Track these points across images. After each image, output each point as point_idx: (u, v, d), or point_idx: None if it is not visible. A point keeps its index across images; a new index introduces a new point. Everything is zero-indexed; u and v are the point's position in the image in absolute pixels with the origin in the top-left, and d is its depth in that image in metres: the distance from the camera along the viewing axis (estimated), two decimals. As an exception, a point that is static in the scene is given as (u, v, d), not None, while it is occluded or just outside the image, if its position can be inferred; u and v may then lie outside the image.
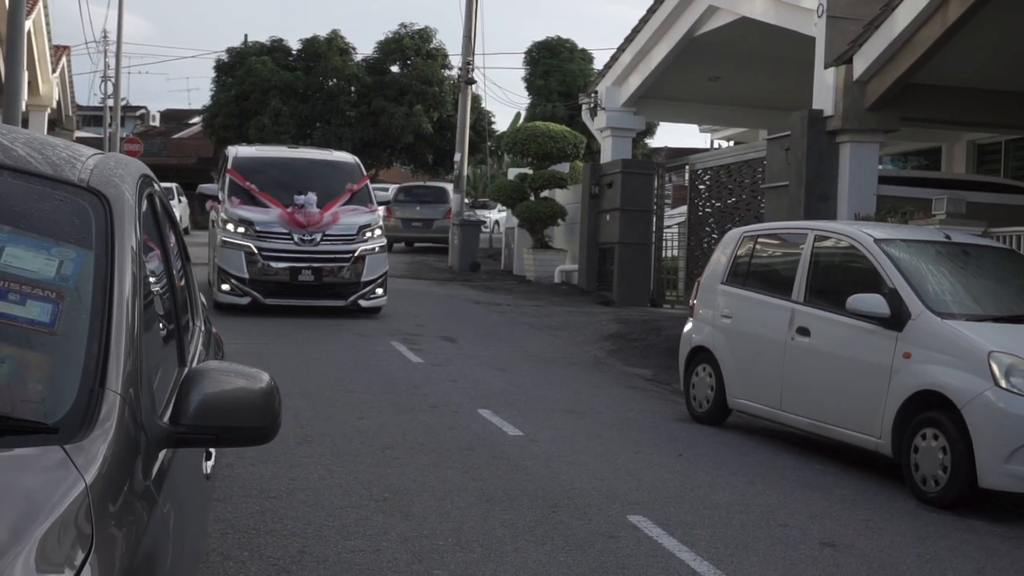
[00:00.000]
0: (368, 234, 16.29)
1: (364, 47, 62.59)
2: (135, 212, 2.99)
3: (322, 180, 16.80)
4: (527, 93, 42.34)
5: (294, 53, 41.91)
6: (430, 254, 31.39)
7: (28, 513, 1.98)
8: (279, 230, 15.84)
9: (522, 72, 43.12)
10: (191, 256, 4.77)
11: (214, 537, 5.99)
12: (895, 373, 8.21)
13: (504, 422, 9.67)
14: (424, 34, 41.79)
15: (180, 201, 35.12)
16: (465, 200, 28.60)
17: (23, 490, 2.07)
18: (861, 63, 13.41)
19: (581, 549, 6.25)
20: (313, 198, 16.07)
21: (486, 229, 31.91)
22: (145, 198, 3.32)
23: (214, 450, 3.63)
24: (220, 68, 42.31)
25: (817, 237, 9.59)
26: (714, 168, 19.01)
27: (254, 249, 15.71)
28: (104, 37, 52.08)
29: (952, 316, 8.19)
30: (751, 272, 10.29)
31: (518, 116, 41.71)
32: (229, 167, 16.96)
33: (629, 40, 19.79)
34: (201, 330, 4.39)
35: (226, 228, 16.03)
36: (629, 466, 8.38)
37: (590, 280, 21.58)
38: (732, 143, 26.42)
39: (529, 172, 24.62)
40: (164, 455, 2.68)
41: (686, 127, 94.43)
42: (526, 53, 42.60)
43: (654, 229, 20.49)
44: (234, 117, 40.87)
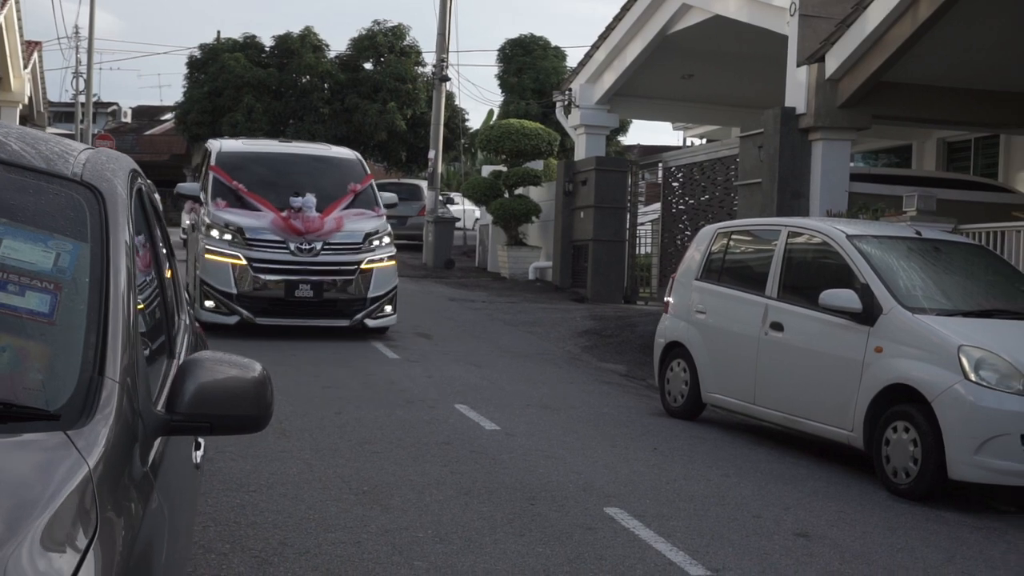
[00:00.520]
0: (376, 242, 14.17)
1: (337, 44, 62.64)
2: (128, 206, 3.05)
3: (320, 179, 14.72)
4: (500, 91, 42.41)
5: (267, 50, 41.81)
6: (404, 251, 31.27)
7: (35, 495, 2.05)
8: (273, 238, 13.72)
9: (495, 69, 43.18)
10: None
11: (196, 530, 6.04)
12: (867, 367, 8.34)
13: (481, 417, 9.75)
14: (398, 31, 41.77)
15: (152, 198, 35.07)
16: (440, 197, 28.64)
17: (29, 473, 2.13)
18: (833, 61, 13.55)
19: (559, 540, 6.33)
20: (312, 200, 13.91)
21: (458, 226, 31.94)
22: (135, 192, 3.38)
23: (203, 441, 3.69)
24: (193, 64, 42.16)
25: (790, 233, 9.70)
26: (687, 165, 19.14)
27: (243, 260, 13.57)
28: (76, 33, 51.87)
29: (923, 311, 8.32)
30: (725, 268, 10.40)
31: (491, 114, 41.74)
32: (212, 163, 14.68)
33: (603, 38, 19.89)
34: (186, 324, 4.44)
35: (210, 235, 13.81)
36: (605, 460, 8.47)
37: (564, 277, 21.67)
38: (704, 141, 26.57)
39: (503, 169, 24.70)
40: (159, 444, 2.74)
41: (659, 125, 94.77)
42: (499, 51, 42.61)
43: (628, 226, 20.60)
44: (207, 114, 40.74)
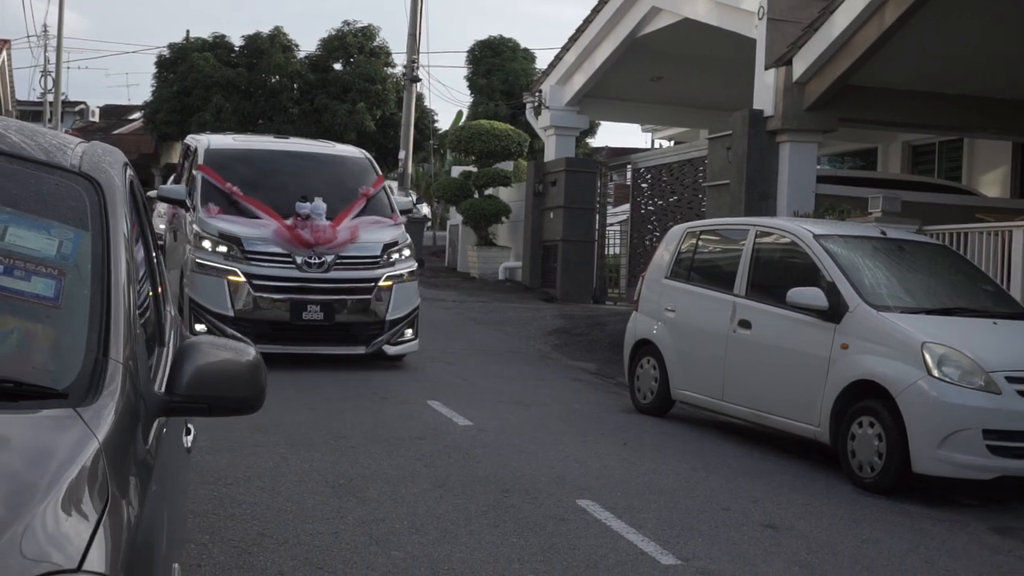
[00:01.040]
0: (395, 255, 12.27)
1: (307, 44, 62.60)
2: (125, 196, 3.17)
3: (325, 182, 12.88)
4: (469, 92, 42.52)
5: (236, 49, 41.69)
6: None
7: (50, 466, 2.16)
8: (276, 250, 11.78)
9: (465, 71, 43.25)
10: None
11: (176, 520, 6.13)
12: (833, 364, 8.51)
13: (454, 413, 9.86)
14: (367, 32, 41.75)
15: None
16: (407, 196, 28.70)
17: (44, 445, 2.24)
18: (800, 65, 13.75)
19: (533, 531, 6.46)
20: (322, 207, 11.97)
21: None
22: (128, 184, 3.49)
23: (193, 427, 3.80)
24: (161, 64, 42.01)
25: (758, 233, 9.88)
26: (656, 167, 19.32)
27: (241, 276, 11.62)
28: (45, 32, 51.53)
29: (887, 309, 8.50)
30: (694, 267, 10.57)
31: (460, 115, 41.86)
32: (200, 162, 12.79)
33: (573, 40, 20.05)
34: (171, 314, 4.54)
35: (201, 246, 11.85)
36: (576, 454, 8.61)
37: (534, 277, 21.82)
38: (672, 143, 26.79)
39: (473, 170, 24.82)
40: (157, 425, 2.85)
41: (627, 127, 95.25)
42: (468, 52, 42.72)
43: (597, 227, 20.77)
44: (175, 113, 40.60)
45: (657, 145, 31.97)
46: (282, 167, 13.12)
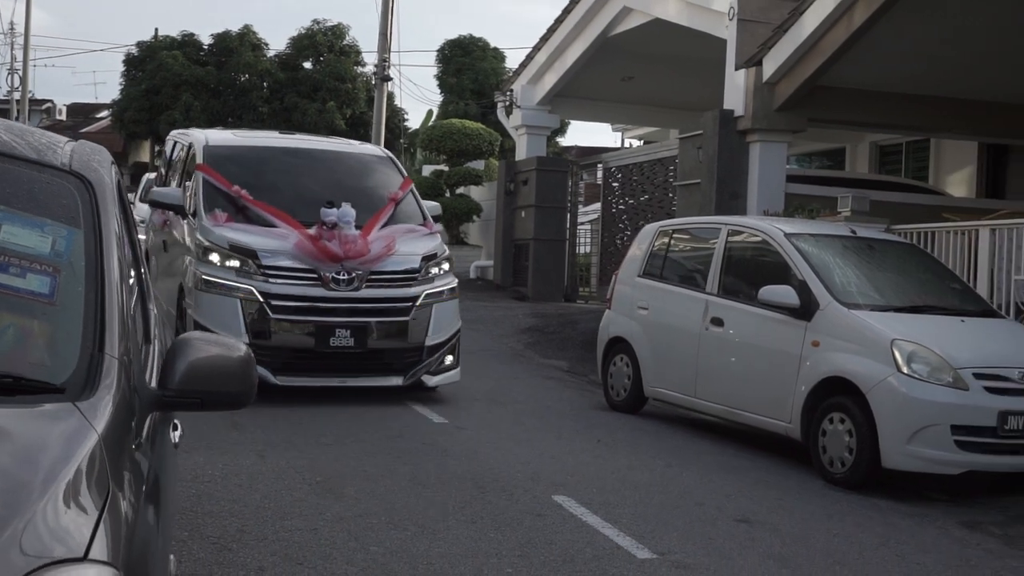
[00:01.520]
0: (434, 270, 10.54)
1: (277, 43, 62.32)
2: (115, 195, 3.21)
3: (345, 184, 11.19)
4: (440, 91, 42.55)
5: (205, 48, 41.58)
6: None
7: (53, 458, 2.21)
8: (298, 265, 10.00)
9: (435, 70, 43.27)
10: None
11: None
12: (804, 361, 8.62)
13: (429, 411, 9.92)
14: (337, 31, 41.72)
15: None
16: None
17: (45, 438, 2.29)
18: (770, 65, 13.86)
19: (510, 526, 6.53)
20: (351, 214, 10.24)
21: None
22: (116, 182, 3.53)
23: (179, 423, 3.84)
24: (129, 62, 41.84)
25: (730, 232, 9.98)
26: (627, 166, 19.42)
27: (257, 295, 9.84)
28: (12, 29, 51.19)
29: (858, 306, 8.62)
30: (667, 265, 10.66)
31: (430, 114, 41.89)
32: (199, 162, 11.02)
33: (544, 39, 20.11)
34: (154, 312, 4.58)
35: (207, 260, 10.10)
36: (551, 451, 8.68)
37: (505, 276, 21.87)
38: (642, 142, 26.92)
39: (445, 169, 24.85)
40: (150, 420, 2.90)
41: (596, 126, 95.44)
42: (438, 51, 42.77)
43: (568, 226, 20.84)
44: (144, 112, 40.45)
45: (627, 144, 32.13)
46: (294, 167, 11.29)
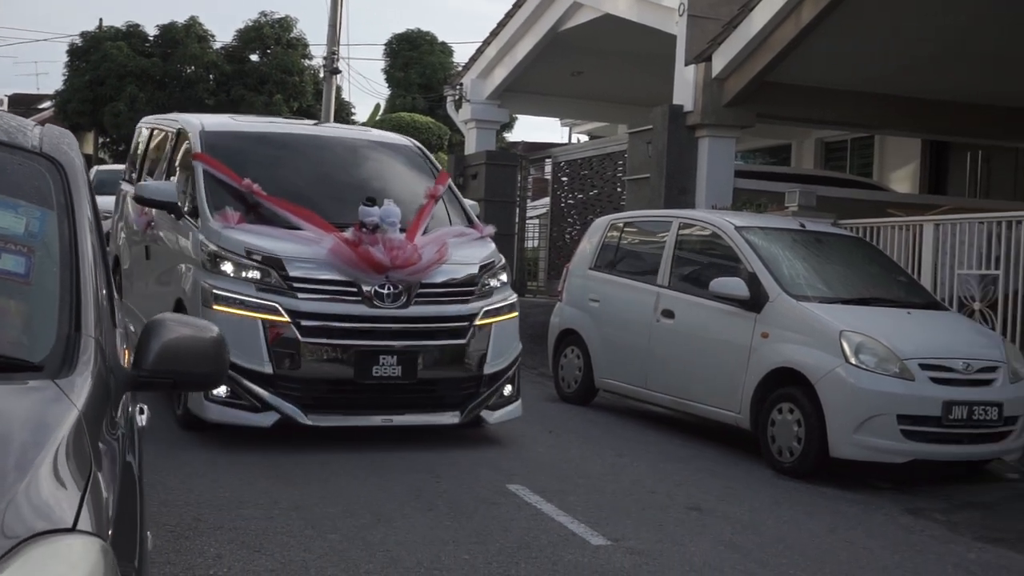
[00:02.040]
0: (491, 281, 8.79)
1: (223, 35, 61.91)
2: (85, 177, 3.23)
3: (371, 178, 9.48)
4: (387, 85, 42.50)
5: (151, 39, 41.22)
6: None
7: (39, 433, 2.24)
8: (334, 276, 8.15)
9: (383, 63, 43.20)
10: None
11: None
12: (754, 352, 8.75)
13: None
14: (284, 23, 41.52)
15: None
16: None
17: (28, 415, 2.32)
18: (720, 61, 14.00)
19: (465, 514, 6.58)
20: (395, 212, 8.39)
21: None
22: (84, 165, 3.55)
23: (145, 406, 3.86)
24: (73, 52, 41.38)
25: (681, 225, 10.09)
26: (576, 161, 19.51)
27: (284, 315, 7.98)
28: (-52, 17, 50.51)
29: (806, 298, 8.76)
30: (618, 258, 10.76)
31: (378, 107, 41.83)
32: (198, 151, 9.08)
33: (495, 34, 20.16)
34: (116, 298, 4.59)
35: (219, 270, 8.21)
36: (504, 441, 8.74)
37: (454, 269, 21.86)
38: (588, 138, 27.04)
39: (393, 162, 24.82)
40: (124, 400, 2.93)
41: (544, 121, 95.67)
42: (386, 45, 42.77)
43: (517, 220, 20.91)
44: (88, 103, 40.06)
45: (576, 139, 32.25)
46: (308, 158, 9.50)
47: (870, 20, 12.75)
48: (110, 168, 22.53)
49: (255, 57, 41.72)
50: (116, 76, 39.57)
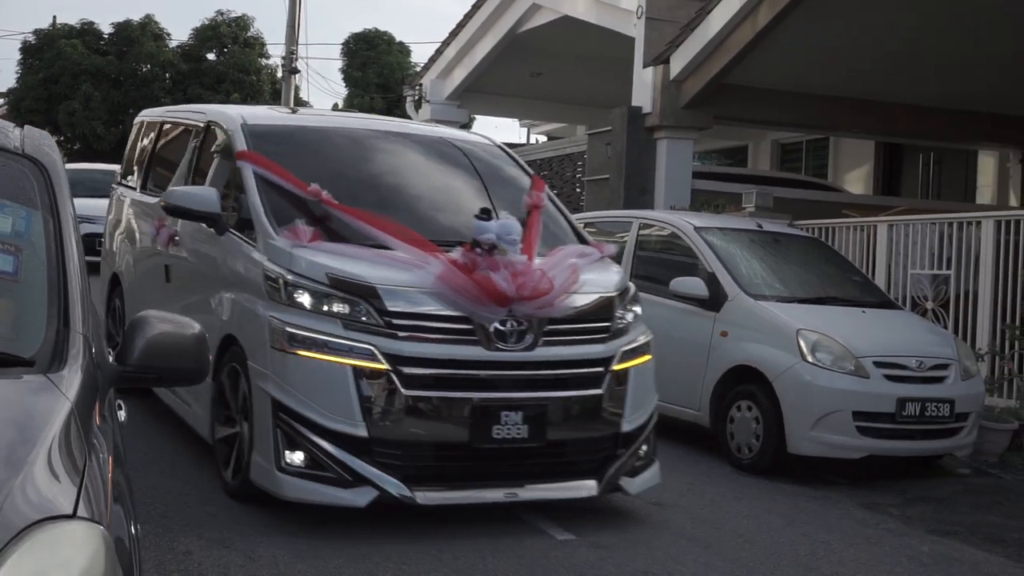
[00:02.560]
0: (625, 315, 7.04)
1: (179, 33, 61.62)
2: (66, 178, 3.30)
3: (455, 184, 7.87)
4: (345, 84, 42.49)
5: (106, 37, 41.01)
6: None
7: (34, 425, 2.31)
8: (445, 310, 6.40)
9: (340, 63, 43.19)
10: None
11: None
12: (713, 350, 8.90)
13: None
14: (241, 22, 41.44)
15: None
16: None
17: (23, 407, 2.40)
18: (678, 63, 14.17)
19: (431, 509, 6.66)
20: (516, 228, 6.72)
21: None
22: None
23: (122, 403, 3.93)
24: (26, 50, 41.08)
25: (641, 225, 10.23)
26: (535, 161, 19.60)
27: (382, 359, 6.23)
28: (-102, 14, 49.95)
29: (764, 297, 8.92)
30: (579, 258, 10.82)
31: (336, 107, 41.79)
32: (241, 148, 7.33)
33: (454, 34, 20.25)
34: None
35: (294, 302, 6.42)
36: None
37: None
38: (546, 139, 27.19)
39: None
40: (110, 394, 3.00)
41: (501, 123, 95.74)
42: (343, 44, 42.80)
43: (476, 220, 20.97)
44: (42, 101, 39.78)
45: (534, 140, 32.38)
46: (377, 158, 7.76)
47: (825, 24, 12.97)
48: (78, 167, 21.35)
49: (212, 56, 41.59)
50: (70, 74, 39.32)
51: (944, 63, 14.03)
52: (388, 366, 6.14)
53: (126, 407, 3.83)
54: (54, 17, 44.03)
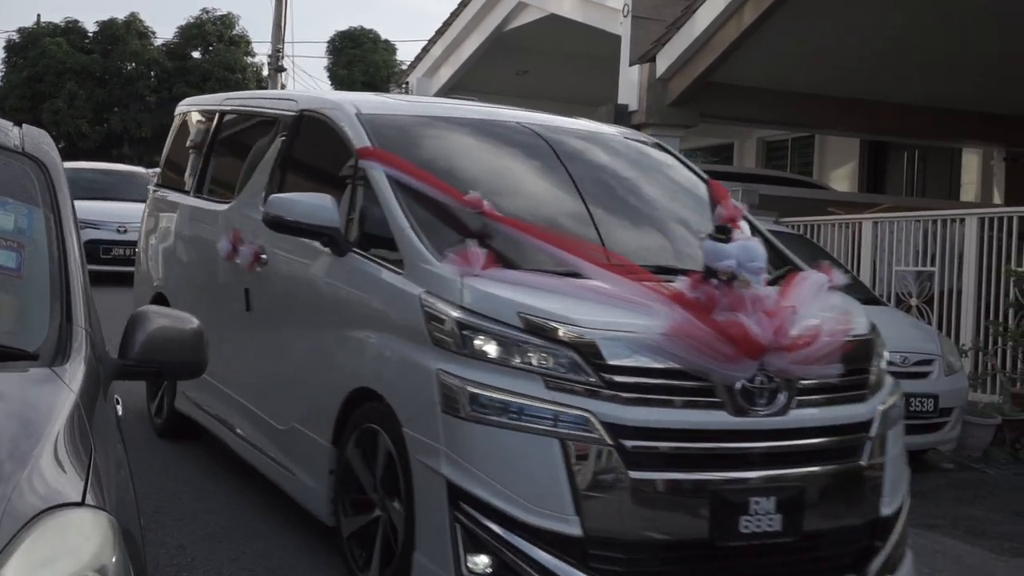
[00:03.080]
0: (877, 364, 5.34)
1: (164, 31, 61.62)
2: (64, 176, 3.36)
3: (629, 191, 6.16)
4: (330, 83, 42.50)
5: (90, 35, 40.98)
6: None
7: (42, 417, 2.38)
8: (674, 365, 4.61)
9: (326, 61, 43.24)
10: None
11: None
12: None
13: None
14: (227, 20, 41.44)
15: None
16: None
17: (32, 399, 2.46)
18: (664, 62, 14.24)
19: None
20: (760, 253, 4.91)
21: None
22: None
23: (119, 398, 3.98)
24: (10, 48, 41.06)
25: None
26: (522, 159, 19.68)
27: (602, 430, 4.47)
28: None
29: (750, 294, 8.93)
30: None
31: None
32: (365, 146, 5.70)
33: (440, 32, 20.30)
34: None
35: (474, 349, 4.69)
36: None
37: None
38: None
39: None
40: (111, 388, 3.06)
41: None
42: (329, 42, 42.84)
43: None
44: (26, 99, 39.75)
45: (519, 138, 32.46)
46: (526, 159, 6.05)
47: (810, 23, 13.06)
48: (74, 167, 20.03)
49: (197, 54, 41.57)
50: (55, 73, 39.28)
51: (930, 62, 14.13)
52: (609, 439, 4.49)
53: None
54: (38, 15, 43.97)
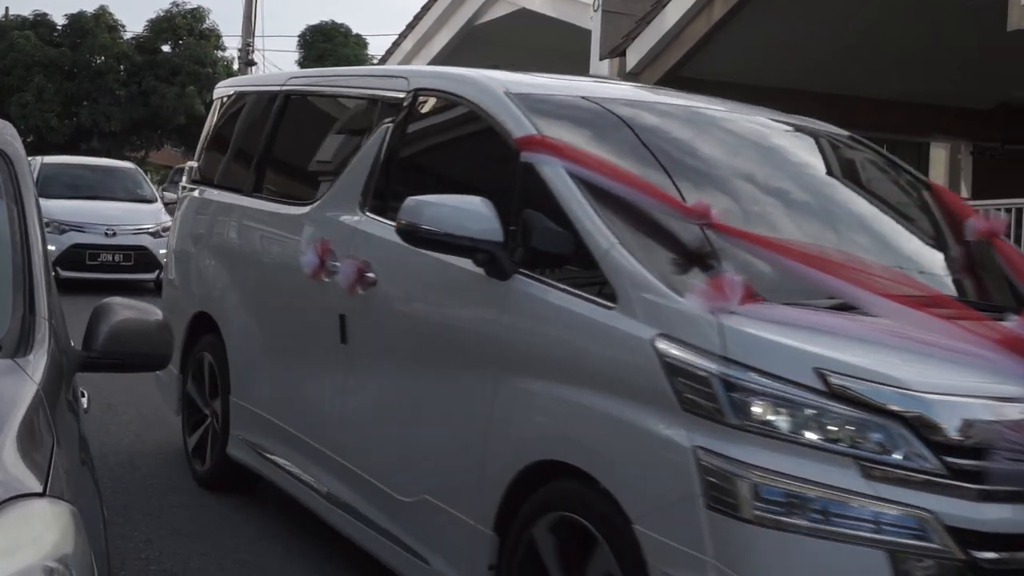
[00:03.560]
0: None
1: (134, 25, 61.21)
2: (30, 169, 3.34)
3: (844, 197, 5.24)
4: (302, 77, 42.43)
5: (59, 28, 40.70)
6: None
7: (3, 408, 2.36)
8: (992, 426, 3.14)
9: (296, 55, 43.13)
10: None
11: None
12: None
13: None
14: (197, 14, 41.24)
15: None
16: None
17: None
18: (634, 56, 14.25)
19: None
20: None
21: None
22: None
23: (85, 391, 3.97)
24: (-22, 42, 40.72)
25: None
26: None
27: (947, 539, 3.05)
28: None
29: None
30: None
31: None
32: (528, 134, 4.17)
33: (411, 27, 20.27)
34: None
35: (750, 413, 3.17)
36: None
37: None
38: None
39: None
40: (74, 380, 3.05)
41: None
42: (300, 36, 42.72)
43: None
44: (-7, 93, 39.46)
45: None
46: (736, 157, 4.95)
47: (780, 17, 13.11)
48: (55, 161, 18.46)
49: (167, 48, 41.36)
50: (23, 66, 39.01)
51: (897, 56, 14.21)
52: (958, 551, 3.12)
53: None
54: (7, 8, 43.58)
